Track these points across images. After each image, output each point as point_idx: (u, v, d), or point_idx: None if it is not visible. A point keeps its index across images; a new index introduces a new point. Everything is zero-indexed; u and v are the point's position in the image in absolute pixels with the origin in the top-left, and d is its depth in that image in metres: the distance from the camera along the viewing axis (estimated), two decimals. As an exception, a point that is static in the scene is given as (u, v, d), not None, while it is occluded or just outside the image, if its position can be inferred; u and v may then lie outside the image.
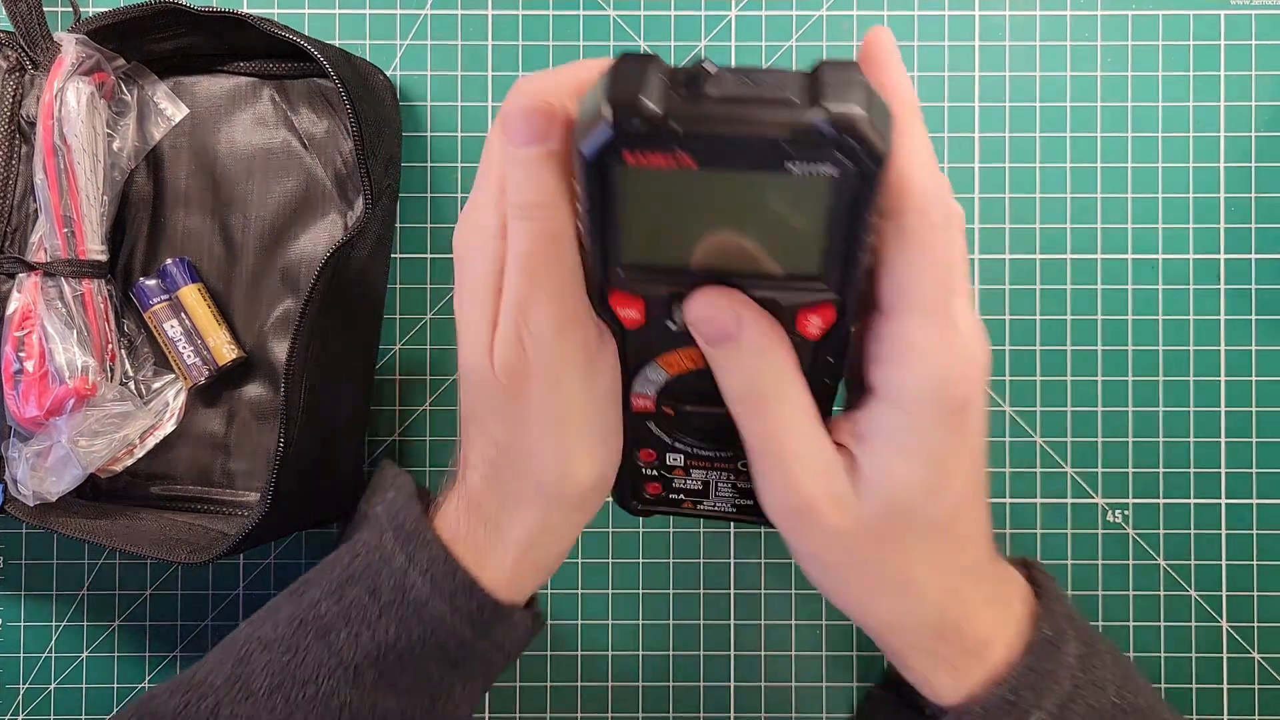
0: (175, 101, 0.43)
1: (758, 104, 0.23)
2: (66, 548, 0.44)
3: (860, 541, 0.29)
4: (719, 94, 0.23)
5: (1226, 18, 0.44)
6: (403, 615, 0.31)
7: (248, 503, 0.43)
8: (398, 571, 0.32)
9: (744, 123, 0.23)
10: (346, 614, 0.32)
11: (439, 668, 0.32)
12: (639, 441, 0.33)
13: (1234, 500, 0.43)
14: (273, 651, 0.32)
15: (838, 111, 0.22)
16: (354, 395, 0.42)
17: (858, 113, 0.22)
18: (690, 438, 0.33)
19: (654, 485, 0.35)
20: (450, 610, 0.31)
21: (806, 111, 0.23)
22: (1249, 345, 0.43)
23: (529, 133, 0.26)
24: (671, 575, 0.44)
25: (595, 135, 0.23)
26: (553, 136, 0.26)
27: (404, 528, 0.32)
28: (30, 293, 0.40)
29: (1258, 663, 0.43)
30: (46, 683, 0.44)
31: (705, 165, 0.23)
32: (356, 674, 0.31)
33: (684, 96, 0.23)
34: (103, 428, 0.40)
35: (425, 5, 0.44)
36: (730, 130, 0.23)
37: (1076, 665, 0.32)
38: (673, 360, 0.30)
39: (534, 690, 0.44)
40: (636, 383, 0.31)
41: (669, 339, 0.29)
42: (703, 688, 0.44)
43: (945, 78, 0.44)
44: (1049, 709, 0.31)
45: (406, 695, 0.32)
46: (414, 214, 0.44)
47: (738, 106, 0.23)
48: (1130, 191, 0.44)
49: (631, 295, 0.27)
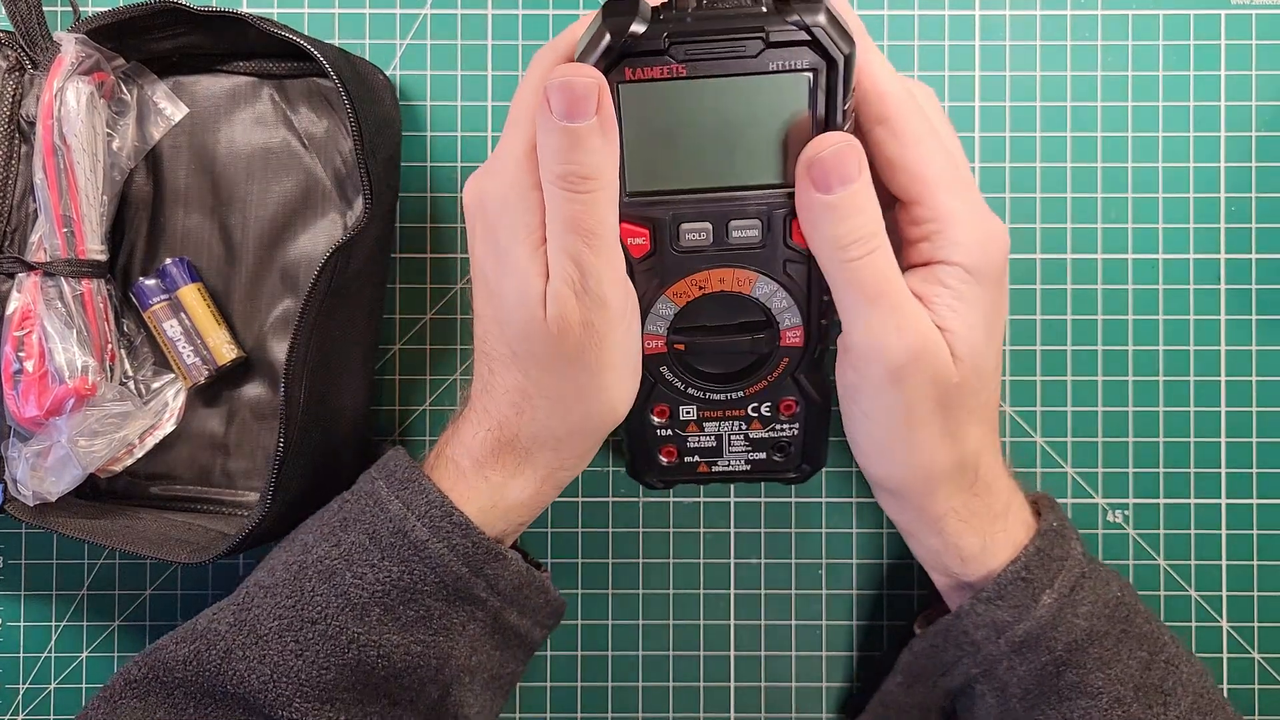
0: (175, 101, 0.43)
1: (737, 16, 0.28)
2: (66, 548, 0.44)
3: (955, 384, 0.32)
4: (700, 13, 0.28)
5: (1227, 18, 0.44)
6: (404, 555, 0.33)
7: (247, 503, 0.43)
8: (395, 516, 0.33)
9: (726, 28, 0.27)
10: (347, 557, 0.34)
11: (438, 604, 0.33)
12: (652, 397, 0.34)
13: (1234, 500, 0.43)
14: (277, 596, 0.34)
15: (809, 15, 0.27)
16: (354, 395, 0.42)
17: (825, 14, 0.28)
18: (702, 381, 0.35)
19: (669, 449, 0.37)
20: (448, 549, 0.33)
21: (783, 15, 0.28)
22: (1249, 345, 0.43)
23: (582, 107, 0.28)
24: (671, 575, 0.44)
25: (598, 55, 0.27)
26: (603, 110, 0.28)
27: (395, 475, 0.35)
28: (30, 292, 0.40)
29: (1258, 663, 0.43)
30: (46, 683, 0.44)
31: (694, 72, 0.28)
32: (362, 611, 0.33)
33: (669, 17, 0.28)
34: (102, 428, 0.40)
35: (425, 5, 0.44)
36: (715, 30, 0.27)
37: (1083, 558, 0.35)
38: (680, 289, 0.32)
39: (534, 690, 0.44)
40: (647, 323, 0.33)
41: (676, 267, 0.32)
42: (703, 687, 0.44)
43: (945, 77, 0.44)
44: (1060, 589, 0.34)
45: (408, 630, 0.33)
46: (414, 214, 0.44)
47: (719, 20, 0.28)
48: (1130, 191, 0.44)
49: (638, 223, 0.30)
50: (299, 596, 0.33)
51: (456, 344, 0.44)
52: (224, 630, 0.34)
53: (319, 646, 0.33)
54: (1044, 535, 0.35)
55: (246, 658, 0.33)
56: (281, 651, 0.33)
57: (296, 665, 0.33)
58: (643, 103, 0.28)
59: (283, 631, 0.33)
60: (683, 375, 0.35)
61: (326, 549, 0.34)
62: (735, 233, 0.31)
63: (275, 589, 0.34)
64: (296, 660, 0.33)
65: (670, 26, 0.27)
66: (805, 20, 0.27)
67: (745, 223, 0.30)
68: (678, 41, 0.27)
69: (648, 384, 0.35)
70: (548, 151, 0.29)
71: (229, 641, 0.33)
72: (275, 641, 0.33)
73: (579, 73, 0.28)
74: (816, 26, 0.27)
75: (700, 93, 0.28)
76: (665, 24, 0.27)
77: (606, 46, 0.27)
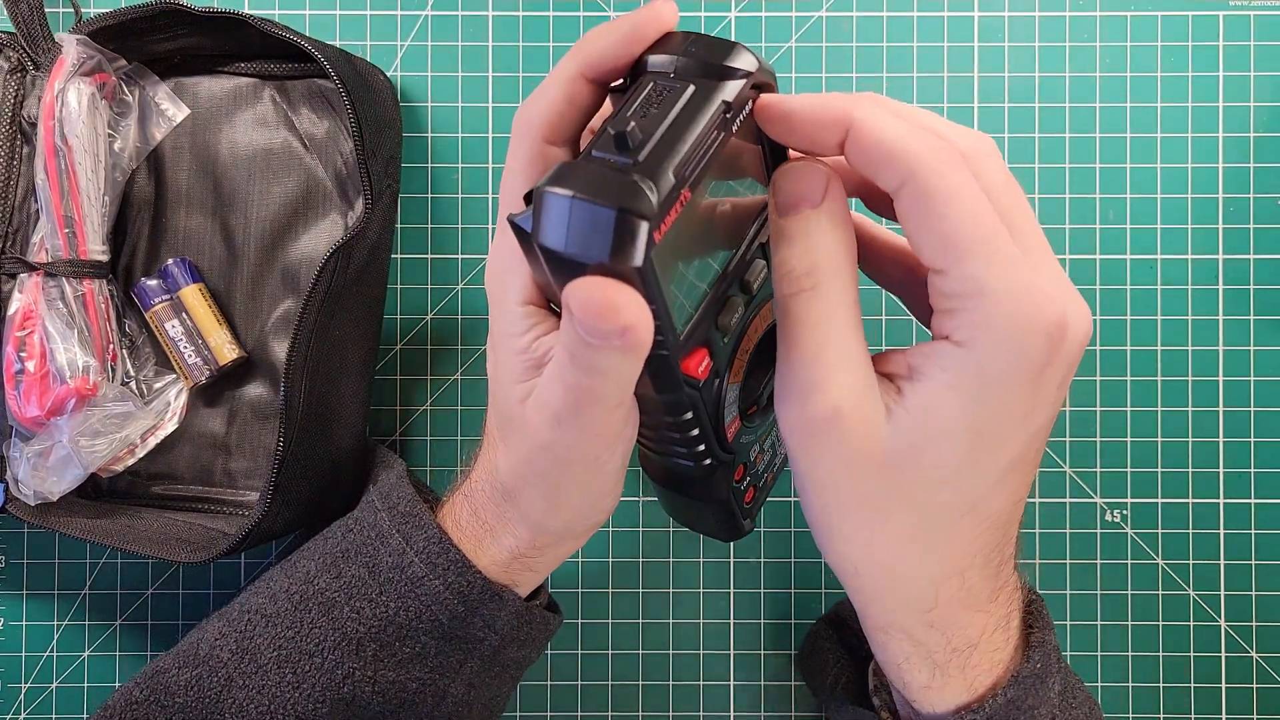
0: (176, 102, 0.43)
1: (685, 111, 0.25)
2: (68, 547, 0.44)
3: (878, 469, 0.26)
4: (654, 124, 0.24)
5: (1225, 18, 0.44)
6: (401, 591, 0.32)
7: (248, 502, 0.43)
8: (395, 550, 0.33)
9: (689, 127, 0.24)
10: (347, 589, 0.33)
11: (434, 642, 0.33)
12: (734, 466, 0.33)
13: (1232, 500, 0.44)
14: (277, 626, 0.34)
15: (739, 64, 0.25)
16: (354, 395, 0.42)
17: (753, 59, 0.26)
18: (760, 416, 0.33)
19: (750, 490, 0.35)
20: (444, 586, 0.32)
21: (719, 86, 0.25)
22: (1247, 345, 0.43)
23: (618, 340, 0.23)
24: (671, 575, 0.44)
25: (639, 246, 0.23)
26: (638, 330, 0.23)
27: (398, 508, 0.34)
28: (31, 293, 0.40)
29: (1256, 662, 0.43)
30: (48, 682, 0.44)
31: (693, 185, 0.24)
32: (359, 646, 0.33)
33: (649, 154, 0.24)
34: (104, 427, 0.41)
35: (426, 6, 0.44)
36: (684, 130, 0.24)
37: (1057, 702, 0.30)
38: (737, 366, 0.30)
39: (534, 690, 0.44)
40: (726, 412, 0.31)
41: (729, 351, 0.30)
42: (702, 687, 0.44)
43: (944, 78, 0.44)
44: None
45: (404, 668, 0.33)
46: (414, 214, 0.44)
47: (680, 118, 0.25)
48: (1129, 192, 0.44)
49: (697, 349, 0.28)
50: (299, 628, 0.33)
51: (457, 344, 0.44)
52: (226, 658, 0.34)
53: (314, 679, 0.33)
54: (1020, 683, 0.28)
55: (246, 687, 0.33)
56: (279, 683, 0.33)
57: (293, 697, 0.33)
58: (671, 249, 0.24)
59: (281, 663, 0.33)
60: (754, 431, 0.33)
61: (328, 580, 0.34)
62: (755, 282, 0.29)
63: (276, 618, 0.34)
64: (294, 692, 0.33)
65: (656, 159, 0.24)
66: (740, 66, 0.25)
67: (757, 266, 0.29)
68: (671, 170, 0.24)
69: (729, 463, 0.33)
70: (568, 344, 0.25)
71: (230, 669, 0.33)
72: (274, 672, 0.33)
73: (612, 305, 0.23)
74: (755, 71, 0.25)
75: (703, 198, 0.25)
76: (653, 161, 0.24)
77: (647, 234, 0.23)
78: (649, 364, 0.25)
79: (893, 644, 0.29)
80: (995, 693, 0.29)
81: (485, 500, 0.32)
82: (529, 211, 0.24)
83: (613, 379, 0.25)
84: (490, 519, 0.32)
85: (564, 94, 0.27)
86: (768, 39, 0.44)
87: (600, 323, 0.22)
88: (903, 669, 0.29)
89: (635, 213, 0.23)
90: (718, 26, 0.44)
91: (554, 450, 0.28)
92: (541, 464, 0.29)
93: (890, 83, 0.44)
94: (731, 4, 0.44)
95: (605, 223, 0.23)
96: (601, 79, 0.27)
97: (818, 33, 0.44)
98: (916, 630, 0.28)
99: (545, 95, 0.27)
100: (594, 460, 0.28)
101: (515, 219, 0.25)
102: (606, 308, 0.22)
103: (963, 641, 0.28)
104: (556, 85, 0.27)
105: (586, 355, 0.24)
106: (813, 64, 0.44)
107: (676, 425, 0.29)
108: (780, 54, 0.44)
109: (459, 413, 0.44)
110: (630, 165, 0.23)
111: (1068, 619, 0.44)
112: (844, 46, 0.44)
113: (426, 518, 0.33)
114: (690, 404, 0.28)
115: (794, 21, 0.44)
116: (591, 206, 0.23)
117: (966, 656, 0.28)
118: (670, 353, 0.26)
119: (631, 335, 0.23)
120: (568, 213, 0.23)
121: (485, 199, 0.44)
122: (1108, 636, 0.44)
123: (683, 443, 0.30)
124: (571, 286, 0.23)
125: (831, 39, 0.44)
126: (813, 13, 0.44)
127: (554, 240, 0.23)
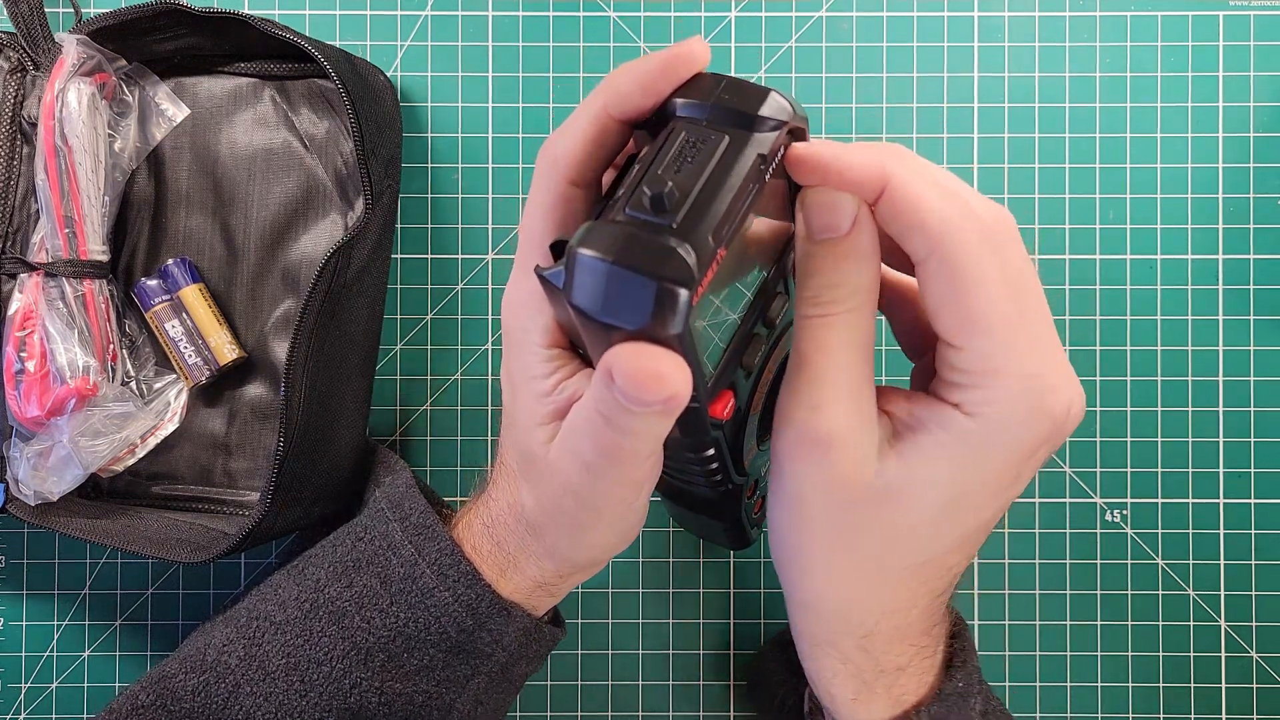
0: (176, 102, 0.43)
1: (719, 166, 0.24)
2: (68, 547, 0.44)
3: (855, 502, 0.27)
4: (690, 181, 0.24)
5: (1225, 18, 0.44)
6: (411, 602, 0.33)
7: (248, 502, 0.43)
8: (407, 561, 0.33)
9: (725, 183, 0.24)
10: (359, 599, 0.33)
11: (442, 655, 0.33)
12: (744, 489, 0.34)
13: (1232, 500, 0.44)
14: (286, 634, 0.34)
15: (772, 112, 0.24)
16: (354, 395, 0.42)
17: (787, 106, 0.25)
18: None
19: (759, 503, 0.36)
20: (453, 598, 0.32)
21: (754, 139, 0.24)
22: (1247, 345, 0.44)
23: (660, 407, 0.23)
24: (671, 575, 0.44)
25: (679, 314, 0.22)
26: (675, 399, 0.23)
27: (410, 519, 0.34)
28: (32, 293, 0.40)
29: (1256, 662, 0.43)
30: (48, 682, 0.44)
31: (728, 242, 0.24)
32: (368, 656, 0.33)
33: (685, 217, 0.23)
34: (104, 427, 0.41)
35: (426, 6, 0.44)
36: (720, 188, 0.24)
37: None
38: (756, 400, 0.31)
39: (534, 690, 0.44)
40: (745, 439, 0.31)
41: (751, 389, 0.30)
42: (702, 687, 0.44)
43: (944, 79, 0.44)
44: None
45: (410, 679, 0.33)
46: (414, 214, 0.44)
47: (715, 175, 0.24)
48: (1129, 192, 0.44)
49: (723, 392, 0.28)
50: (308, 636, 0.33)
51: (457, 344, 0.44)
52: (234, 664, 0.34)
53: (322, 688, 0.33)
54: (944, 700, 0.30)
55: (254, 694, 0.33)
56: (287, 691, 0.33)
57: (300, 705, 0.33)
58: (704, 304, 0.24)
59: (289, 670, 0.33)
60: (767, 451, 0.33)
61: (338, 589, 0.34)
62: (777, 317, 0.29)
63: (285, 626, 0.34)
64: (300, 700, 0.33)
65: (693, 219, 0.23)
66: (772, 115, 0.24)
67: (778, 302, 0.29)
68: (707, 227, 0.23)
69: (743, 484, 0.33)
70: (604, 407, 0.25)
71: (238, 676, 0.34)
72: (282, 680, 0.33)
73: (656, 375, 0.22)
74: (789, 118, 0.25)
75: (735, 250, 0.25)
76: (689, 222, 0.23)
77: (686, 302, 0.22)
78: (680, 415, 0.25)
79: (824, 659, 0.30)
80: (919, 709, 0.30)
81: (508, 533, 0.32)
82: (559, 267, 0.23)
83: (647, 438, 0.25)
84: (514, 550, 0.32)
85: (590, 132, 0.26)
86: (768, 39, 0.44)
87: (644, 394, 0.22)
88: (831, 683, 0.30)
89: (675, 281, 0.22)
90: (718, 27, 0.44)
91: (582, 496, 0.28)
92: (569, 505, 0.29)
93: (890, 83, 0.44)
94: (731, 4, 0.44)
95: (645, 292, 0.22)
96: (628, 118, 0.26)
97: (818, 33, 0.44)
98: (849, 651, 0.30)
99: (571, 131, 0.27)
100: (622, 503, 0.29)
101: (545, 274, 0.24)
102: (651, 379, 0.22)
103: (891, 665, 0.30)
104: (583, 121, 0.27)
105: (624, 420, 0.24)
106: (813, 64, 0.44)
107: (699, 460, 0.29)
108: (780, 54, 0.44)
109: (459, 413, 0.44)
110: (667, 228, 0.23)
111: (1068, 619, 0.44)
112: (844, 46, 0.44)
113: (439, 529, 0.33)
114: (714, 443, 0.29)
115: (794, 21, 0.44)
116: (630, 275, 0.22)
117: (894, 678, 0.30)
118: (701, 404, 0.26)
119: (675, 402, 0.23)
120: (604, 279, 0.22)
121: (485, 199, 0.44)
122: (1108, 636, 0.44)
123: (703, 474, 0.31)
124: (611, 355, 0.23)
125: (831, 39, 0.44)
126: (813, 13, 0.44)
127: (589, 304, 0.23)
